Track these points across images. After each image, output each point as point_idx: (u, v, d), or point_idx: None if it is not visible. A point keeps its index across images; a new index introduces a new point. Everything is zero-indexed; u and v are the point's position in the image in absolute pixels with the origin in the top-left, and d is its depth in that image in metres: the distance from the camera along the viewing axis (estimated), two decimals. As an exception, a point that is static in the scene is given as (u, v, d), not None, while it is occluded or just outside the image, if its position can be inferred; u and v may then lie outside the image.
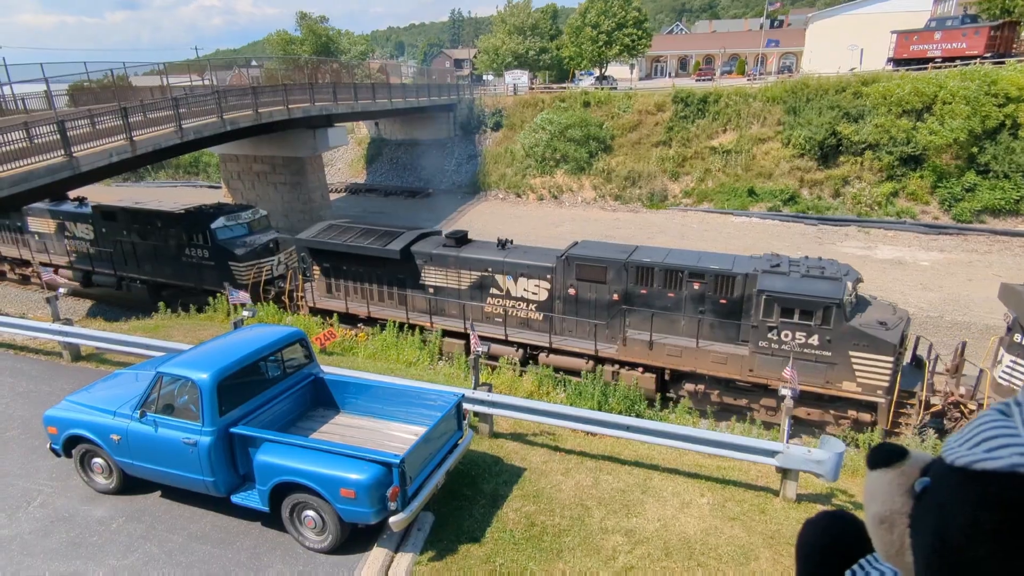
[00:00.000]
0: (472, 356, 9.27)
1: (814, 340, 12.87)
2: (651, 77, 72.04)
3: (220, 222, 20.70)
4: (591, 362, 15.12)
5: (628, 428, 8.31)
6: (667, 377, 14.76)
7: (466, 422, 7.85)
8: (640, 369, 14.70)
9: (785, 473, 7.88)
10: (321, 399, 8.03)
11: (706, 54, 71.97)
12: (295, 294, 19.71)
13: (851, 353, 12.62)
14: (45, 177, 16.78)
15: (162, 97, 25.21)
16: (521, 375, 13.83)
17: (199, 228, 20.84)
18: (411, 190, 45.80)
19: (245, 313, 10.46)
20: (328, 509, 6.25)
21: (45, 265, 19.89)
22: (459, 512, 7.25)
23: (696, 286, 14.09)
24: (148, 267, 22.51)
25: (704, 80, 54.87)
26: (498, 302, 16.58)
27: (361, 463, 6.16)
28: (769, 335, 13.22)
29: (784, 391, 8.44)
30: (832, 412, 13.38)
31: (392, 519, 6.15)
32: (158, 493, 7.27)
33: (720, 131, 39.57)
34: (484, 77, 65.95)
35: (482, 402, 8.77)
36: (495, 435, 9.08)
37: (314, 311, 18.91)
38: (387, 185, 47.36)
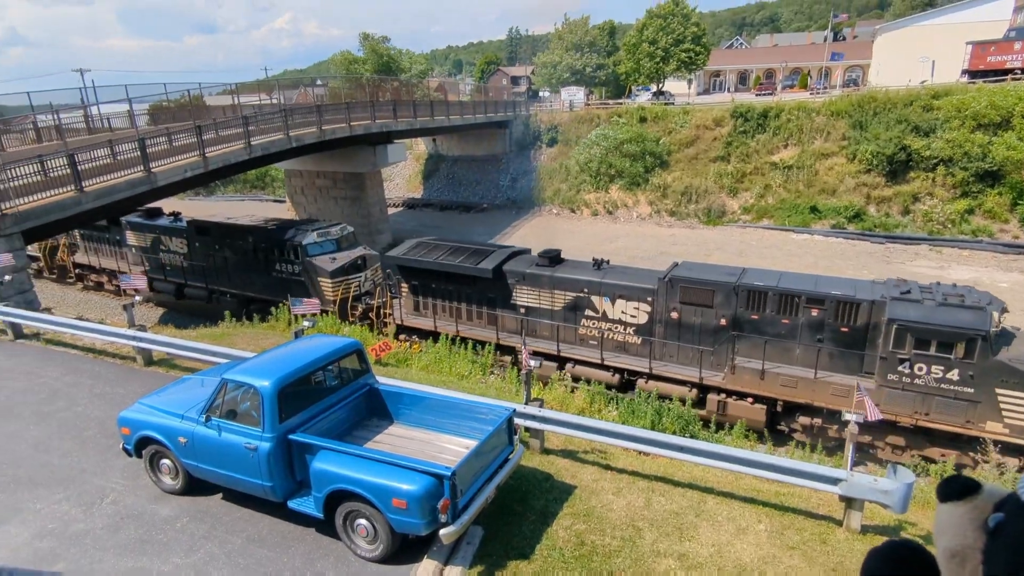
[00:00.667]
0: (524, 371, 9.26)
1: (953, 375, 11.91)
2: (709, 92, 70.96)
3: (311, 238, 20.76)
4: (695, 390, 14.47)
5: (682, 449, 8.10)
6: (779, 409, 13.95)
7: (517, 437, 7.83)
8: (750, 399, 14.01)
9: (849, 502, 7.50)
10: (375, 409, 8.18)
11: (767, 68, 70.43)
12: (382, 311, 19.70)
13: (998, 391, 11.62)
14: (126, 191, 17.88)
15: (233, 116, 26.51)
16: (572, 391, 13.71)
17: (290, 244, 21.03)
18: (466, 205, 46.48)
19: (305, 323, 10.80)
20: (380, 518, 6.33)
21: (124, 274, 21.12)
22: (509, 527, 7.22)
23: (814, 312, 13.27)
24: (238, 281, 22.80)
25: (764, 95, 53.68)
26: (593, 324, 16.10)
27: (413, 474, 6.22)
28: (900, 368, 12.33)
29: (849, 416, 8.06)
30: (971, 454, 12.31)
31: (442, 531, 6.18)
32: (220, 495, 7.54)
33: (781, 146, 38.53)
34: (540, 93, 66.49)
35: (533, 417, 8.73)
36: (546, 451, 9.02)
37: (401, 329, 18.81)
38: (442, 200, 48.24)
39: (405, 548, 6.58)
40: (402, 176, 53.17)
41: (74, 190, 16.17)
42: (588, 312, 16.14)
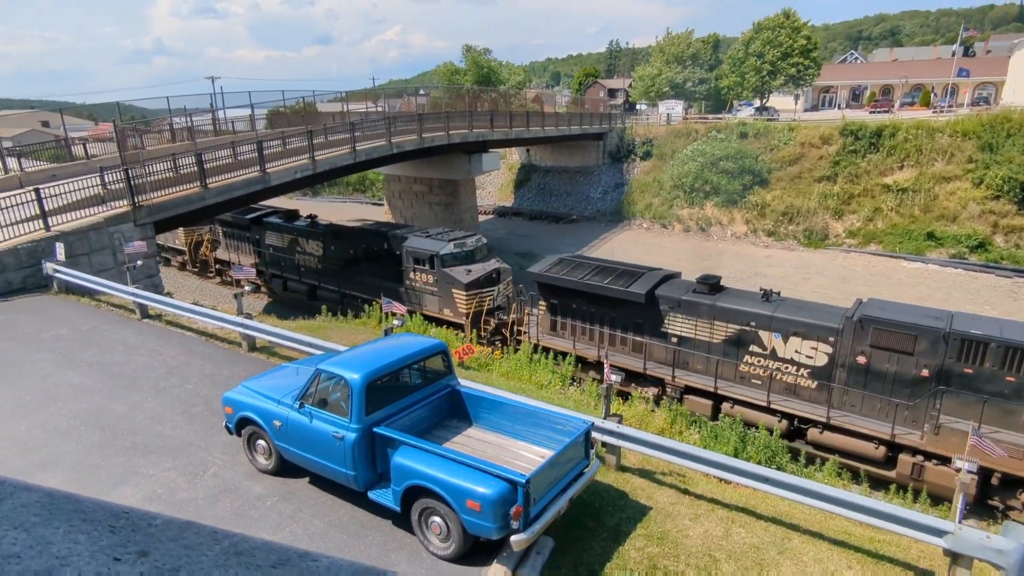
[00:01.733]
0: (604, 385, 9.16)
1: None
2: (817, 108, 67.44)
3: (448, 248, 20.37)
4: (883, 448, 13.00)
5: (767, 480, 7.71)
6: (994, 482, 12.32)
7: (593, 451, 7.75)
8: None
9: (955, 558, 6.84)
10: (456, 410, 8.36)
11: (884, 84, 66.03)
12: (517, 328, 19.20)
13: None
14: (243, 189, 19.34)
15: (341, 122, 28.06)
16: (653, 411, 13.40)
17: (426, 254, 20.71)
18: (555, 215, 46.63)
19: (395, 322, 11.23)
20: (453, 518, 6.46)
21: (237, 265, 22.79)
22: (579, 542, 7.15)
23: None
24: (370, 287, 22.35)
25: (879, 112, 50.36)
26: (759, 362, 14.75)
27: (488, 478, 6.30)
28: None
29: (960, 463, 7.37)
30: None
31: (513, 538, 6.21)
32: (307, 479, 7.95)
33: (895, 167, 36.00)
34: (638, 106, 65.74)
35: (611, 433, 8.61)
36: (622, 468, 8.86)
37: (536, 348, 17.89)
38: (532, 209, 48.65)
39: (476, 550, 6.67)
40: (494, 184, 54.13)
41: (199, 186, 17.69)
42: (753, 348, 14.78)
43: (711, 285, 15.77)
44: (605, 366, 9.32)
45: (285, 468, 7.97)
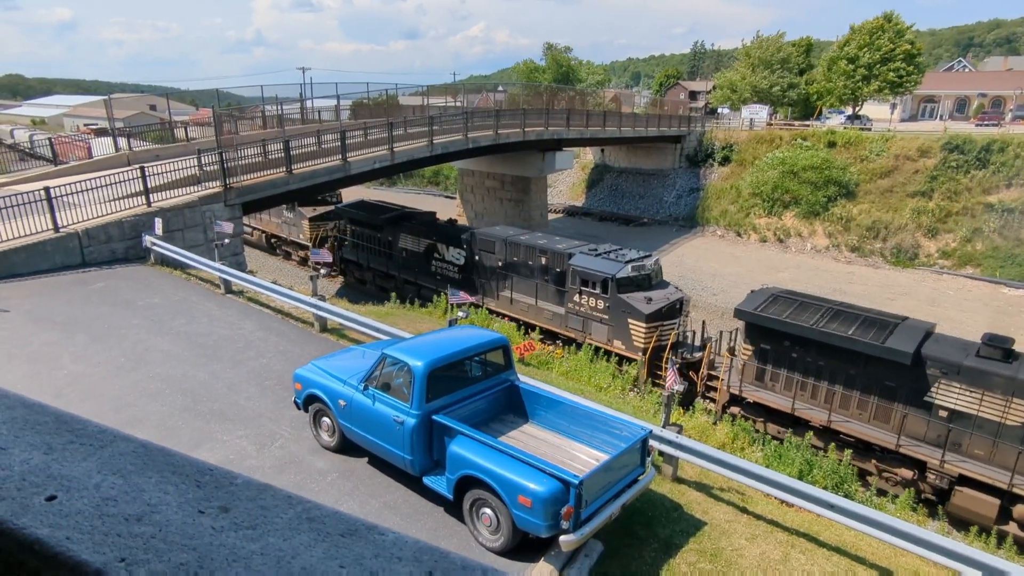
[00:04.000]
0: (666, 393, 8.98)
1: None
2: (916, 119, 63.28)
3: (625, 272, 17.84)
4: None
5: (833, 507, 7.34)
6: None
7: (650, 460, 7.62)
8: None
9: (1042, 614, 6.28)
10: (513, 406, 8.42)
11: (995, 95, 61.17)
12: (708, 372, 16.79)
13: None
14: (324, 176, 20.13)
15: (420, 115, 28.69)
16: (715, 424, 13.02)
17: (599, 276, 18.23)
18: (626, 217, 45.98)
19: (460, 314, 11.41)
20: (504, 512, 6.52)
21: (315, 248, 23.75)
22: (629, 550, 7.05)
23: None
24: (525, 307, 20.30)
25: (987, 125, 46.74)
26: None
27: (542, 475, 6.32)
28: None
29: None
30: None
31: (562, 538, 6.21)
32: (366, 459, 8.23)
33: (1002, 186, 33.35)
34: (719, 110, 63.78)
35: (669, 442, 8.43)
36: (679, 480, 8.67)
37: (734, 400, 15.74)
38: (602, 210, 48.15)
39: (524, 547, 6.70)
40: (565, 183, 53.91)
41: (285, 171, 18.56)
42: None
43: (1005, 350, 12.68)
44: (669, 373, 9.12)
45: (346, 446, 8.26)
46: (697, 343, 18.03)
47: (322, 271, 14.36)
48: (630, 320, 17.48)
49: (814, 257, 36.32)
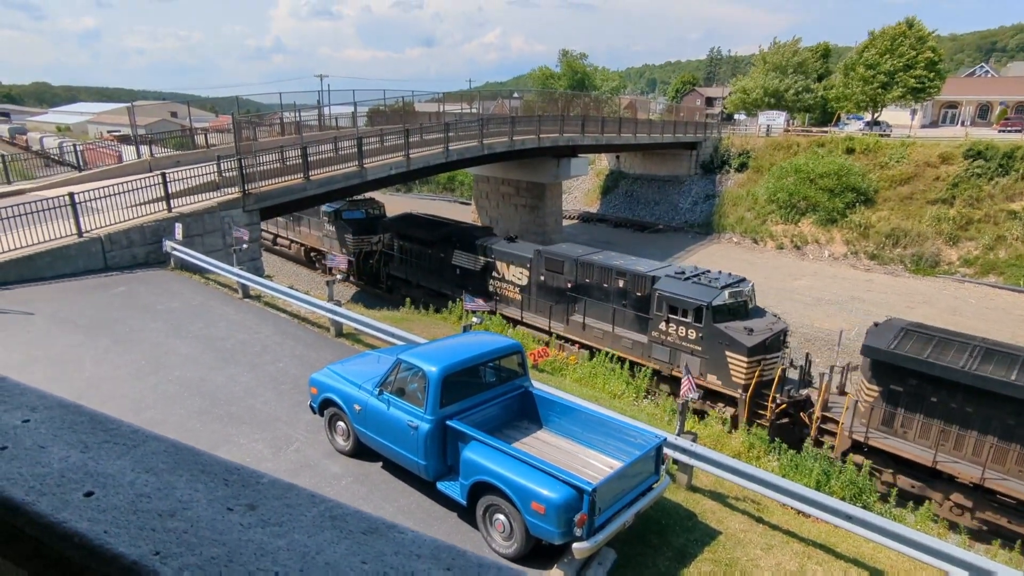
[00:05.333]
0: (680, 401, 8.93)
1: None
2: (937, 125, 62.48)
3: (722, 298, 16.23)
4: None
5: (851, 518, 7.24)
6: None
7: (664, 467, 7.58)
8: None
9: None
10: (527, 412, 8.42)
11: (1018, 101, 60.24)
12: (822, 414, 14.96)
13: None
14: (341, 182, 20.32)
15: (436, 122, 28.88)
16: (731, 432, 12.90)
17: (691, 303, 16.54)
18: (641, 223, 45.84)
19: (475, 320, 11.45)
20: (518, 518, 6.51)
21: (331, 255, 23.97)
22: (642, 558, 7.02)
23: None
24: (600, 334, 18.55)
25: (1011, 131, 46.05)
26: None
27: (555, 482, 6.31)
28: None
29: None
30: None
31: (576, 545, 6.19)
32: (380, 464, 8.27)
33: (1026, 192, 32.80)
34: (736, 116, 63.48)
35: (684, 451, 8.38)
36: (693, 488, 8.60)
37: (857, 446, 14.06)
38: (617, 216, 48.06)
39: (537, 553, 6.69)
40: (580, 190, 53.90)
41: (302, 178, 18.77)
42: None
43: None
44: (685, 381, 9.08)
45: (361, 451, 8.31)
46: (785, 370, 16.25)
47: (338, 276, 14.48)
48: (729, 353, 15.76)
49: (832, 264, 35.94)
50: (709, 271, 18.04)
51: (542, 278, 20.19)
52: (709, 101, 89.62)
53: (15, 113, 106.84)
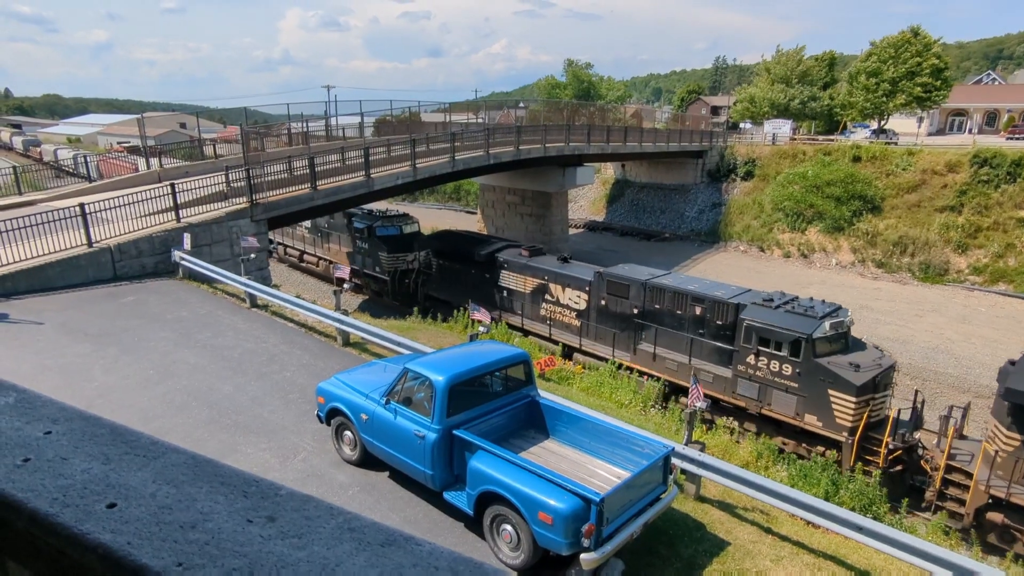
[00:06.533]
0: (688, 410, 8.89)
1: None
2: (944, 132, 62.29)
3: (822, 329, 14.69)
4: None
5: (861, 529, 7.18)
6: None
7: (672, 477, 7.54)
8: None
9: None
10: (534, 421, 8.40)
11: (1026, 108, 59.96)
12: (947, 463, 13.14)
13: None
14: (348, 192, 20.41)
15: (443, 132, 29.02)
16: (738, 442, 12.82)
17: (787, 335, 14.97)
18: (647, 232, 45.81)
19: (481, 329, 11.45)
20: (525, 528, 6.49)
21: (336, 264, 24.03)
22: (650, 569, 6.97)
23: None
24: (674, 366, 17.21)
25: (1019, 139, 45.88)
26: None
27: (563, 492, 6.29)
28: None
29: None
30: None
31: (583, 556, 6.15)
32: (387, 473, 8.26)
33: (1035, 200, 32.62)
34: (741, 125, 63.53)
35: (692, 460, 8.34)
36: (701, 499, 8.55)
37: (995, 504, 12.32)
38: (623, 225, 48.06)
39: (545, 564, 6.65)
40: (587, 198, 53.96)
41: (310, 188, 18.89)
42: None
43: None
44: (692, 391, 9.04)
45: (368, 460, 8.30)
46: (900, 411, 14.53)
47: (346, 286, 14.54)
48: (833, 392, 14.23)
49: (839, 273, 35.78)
50: (797, 297, 16.54)
51: (603, 302, 18.82)
52: (714, 110, 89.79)
53: (26, 125, 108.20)
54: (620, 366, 17.36)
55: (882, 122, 52.15)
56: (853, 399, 13.86)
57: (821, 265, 36.97)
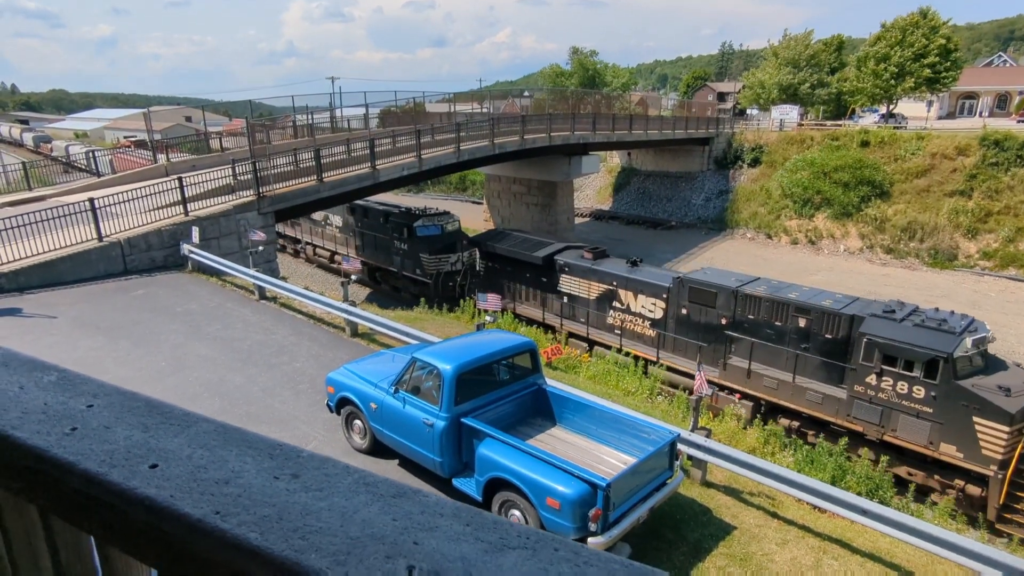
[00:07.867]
0: (694, 397, 8.96)
1: None
2: (954, 116, 61.60)
3: (963, 347, 12.77)
4: None
5: (866, 513, 7.25)
6: None
7: (678, 463, 7.62)
8: None
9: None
10: (541, 409, 8.50)
11: (1038, 90, 59.16)
12: None
13: None
14: (354, 184, 20.50)
15: (448, 123, 29.00)
16: (745, 428, 12.89)
17: (923, 355, 13.19)
18: (653, 221, 45.72)
19: (488, 318, 11.55)
20: (532, 513, 6.60)
21: (345, 256, 24.19)
22: (658, 553, 7.07)
23: None
24: (773, 384, 15.59)
25: (1030, 121, 45.35)
26: None
27: (570, 478, 6.39)
28: None
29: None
30: None
31: (590, 540, 6.25)
32: (396, 462, 8.39)
33: (1046, 183, 32.29)
34: (748, 111, 63.05)
35: (698, 446, 8.41)
36: (707, 484, 8.63)
37: None
38: (630, 214, 47.96)
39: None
40: (592, 187, 53.84)
41: (316, 180, 18.98)
42: None
43: None
44: (698, 377, 9.10)
45: (378, 449, 8.44)
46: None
47: (353, 277, 14.66)
48: (979, 419, 12.46)
49: (847, 259, 35.63)
50: (917, 307, 14.79)
51: (684, 311, 17.14)
52: (721, 96, 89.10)
53: (33, 120, 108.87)
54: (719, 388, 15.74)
55: (891, 107, 51.64)
56: (1006, 428, 12.09)
57: (829, 252, 36.81)
